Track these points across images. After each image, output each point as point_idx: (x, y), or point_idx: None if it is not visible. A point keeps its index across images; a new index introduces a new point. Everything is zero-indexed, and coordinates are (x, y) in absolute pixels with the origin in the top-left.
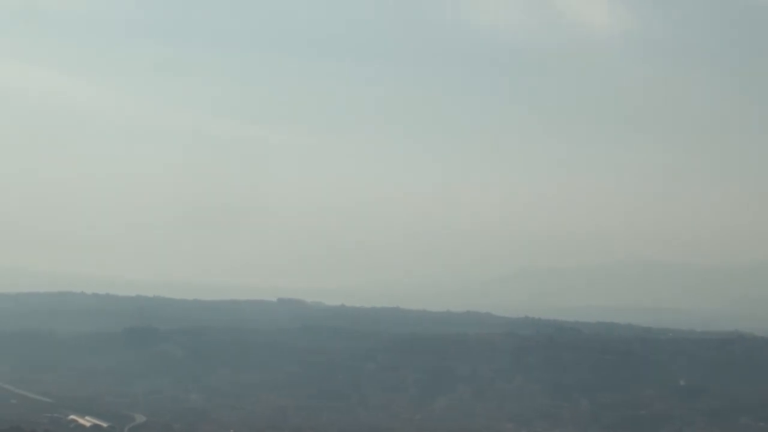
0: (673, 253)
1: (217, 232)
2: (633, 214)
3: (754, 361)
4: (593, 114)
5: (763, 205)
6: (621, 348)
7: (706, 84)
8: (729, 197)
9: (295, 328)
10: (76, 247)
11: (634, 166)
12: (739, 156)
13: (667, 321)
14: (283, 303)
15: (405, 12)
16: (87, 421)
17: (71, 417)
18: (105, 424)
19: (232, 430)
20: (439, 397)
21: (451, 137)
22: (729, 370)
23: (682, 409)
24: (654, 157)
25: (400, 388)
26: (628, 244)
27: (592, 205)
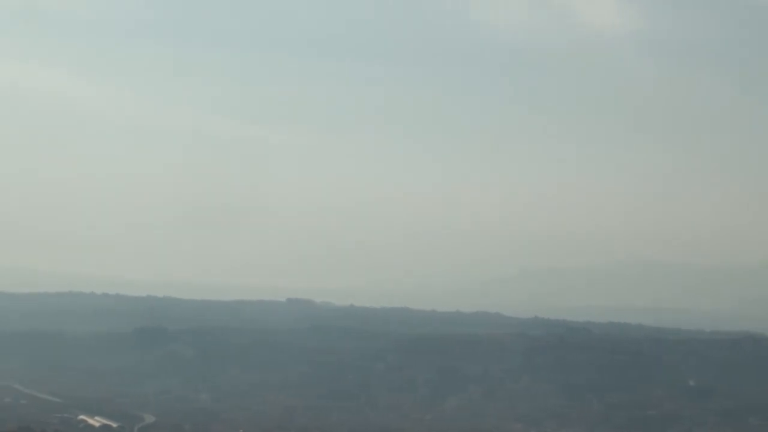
0: (674, 253)
1: (216, 232)
2: (633, 214)
3: (763, 362)
4: (594, 114)
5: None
6: (631, 348)
7: (711, 84)
8: (729, 197)
9: (305, 329)
10: (76, 247)
11: (635, 166)
12: (741, 156)
13: (667, 321)
14: (291, 303)
15: (406, 12)
16: (96, 421)
17: (81, 417)
18: (114, 424)
19: (241, 430)
20: (449, 397)
21: (452, 137)
22: (738, 370)
23: (692, 409)
24: (655, 157)
25: (410, 389)
26: (628, 244)
27: (592, 205)
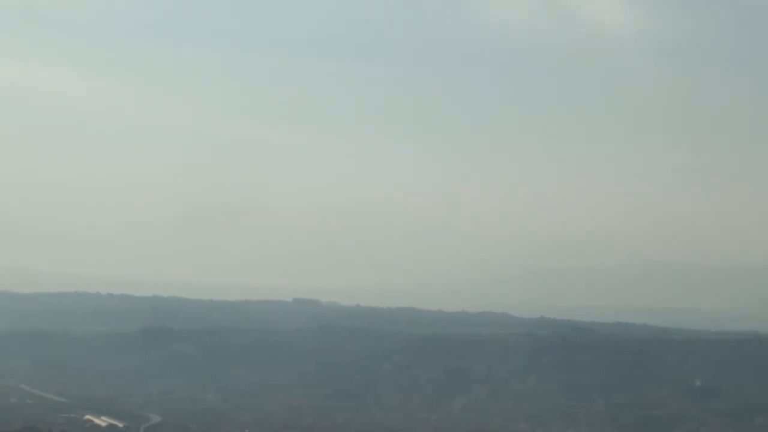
0: (674, 253)
1: (216, 232)
2: (634, 214)
3: None
4: (595, 114)
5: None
6: (636, 348)
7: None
8: (731, 197)
9: (311, 328)
10: (76, 247)
11: (636, 166)
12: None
13: (668, 321)
14: (298, 303)
15: (405, 12)
16: (102, 421)
17: (87, 417)
18: (120, 424)
19: (247, 430)
20: (455, 397)
21: (452, 137)
22: (744, 370)
23: (697, 409)
24: (656, 157)
25: (416, 389)
26: (629, 244)
27: (593, 205)
